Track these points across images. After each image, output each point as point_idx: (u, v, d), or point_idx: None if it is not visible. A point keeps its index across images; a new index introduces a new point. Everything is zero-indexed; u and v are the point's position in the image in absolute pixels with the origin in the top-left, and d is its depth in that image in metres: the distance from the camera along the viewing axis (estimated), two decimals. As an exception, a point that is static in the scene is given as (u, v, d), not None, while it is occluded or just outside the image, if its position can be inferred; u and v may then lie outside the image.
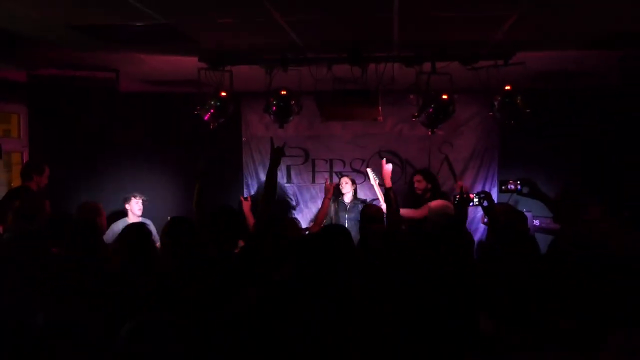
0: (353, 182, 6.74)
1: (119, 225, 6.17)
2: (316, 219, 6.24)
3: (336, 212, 6.65)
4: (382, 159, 7.35)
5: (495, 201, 7.20)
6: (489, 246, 4.32)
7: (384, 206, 5.33)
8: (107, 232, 5.77)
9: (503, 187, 5.03)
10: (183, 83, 6.28)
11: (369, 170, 6.26)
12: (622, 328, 2.12)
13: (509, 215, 4.17)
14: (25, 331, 2.10)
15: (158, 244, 3.93)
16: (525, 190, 4.62)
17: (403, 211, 5.85)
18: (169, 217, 3.72)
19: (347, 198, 6.68)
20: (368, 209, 4.77)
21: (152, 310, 2.49)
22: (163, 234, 3.55)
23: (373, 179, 6.11)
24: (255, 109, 7.38)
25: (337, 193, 6.70)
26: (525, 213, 4.85)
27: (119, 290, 2.94)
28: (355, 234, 5.97)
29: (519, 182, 4.88)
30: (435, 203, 4.53)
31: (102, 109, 5.34)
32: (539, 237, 5.32)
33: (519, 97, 4.72)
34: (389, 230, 4.15)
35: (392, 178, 6.05)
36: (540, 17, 3.75)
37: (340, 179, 6.88)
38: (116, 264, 3.35)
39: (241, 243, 3.98)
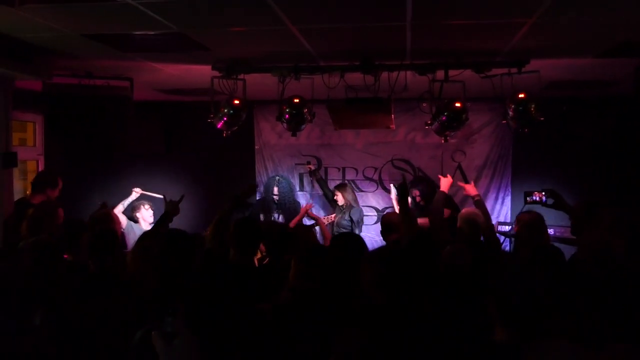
0: (342, 191, 6.68)
1: (135, 230, 6.22)
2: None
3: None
4: (395, 167, 7.42)
5: (510, 208, 7.20)
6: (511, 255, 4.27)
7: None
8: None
9: (528, 199, 4.97)
10: (196, 92, 6.33)
11: (392, 186, 6.42)
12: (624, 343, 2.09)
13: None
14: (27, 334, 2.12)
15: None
16: (550, 201, 4.55)
17: (420, 220, 5.90)
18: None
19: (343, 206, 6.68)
20: (387, 218, 4.74)
21: (167, 315, 2.50)
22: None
23: (394, 196, 6.26)
24: (268, 117, 7.45)
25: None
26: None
27: (134, 296, 2.96)
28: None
29: (544, 193, 4.81)
30: (465, 212, 4.48)
31: (116, 118, 5.36)
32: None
33: (532, 105, 4.68)
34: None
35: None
36: (554, 24, 3.72)
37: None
38: (132, 270, 3.36)
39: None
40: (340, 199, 6.62)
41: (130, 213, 6.57)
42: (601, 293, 2.26)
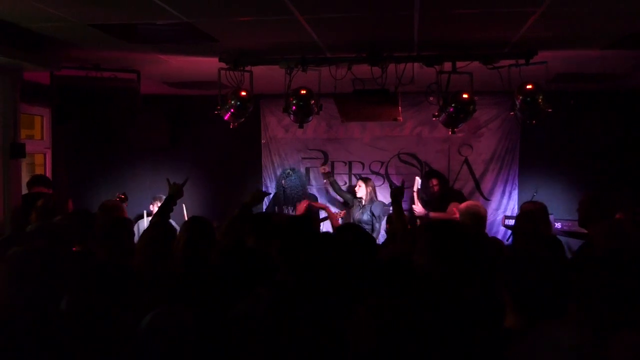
0: (367, 184, 6.70)
1: (141, 225, 6.25)
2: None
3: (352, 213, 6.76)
4: (401, 162, 7.43)
5: (517, 202, 7.19)
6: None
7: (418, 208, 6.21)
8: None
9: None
10: (203, 85, 6.34)
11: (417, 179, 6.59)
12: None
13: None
14: (49, 317, 2.12)
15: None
16: None
17: (432, 214, 5.95)
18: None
19: (363, 200, 6.68)
20: None
21: (175, 301, 2.51)
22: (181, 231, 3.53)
23: (417, 188, 6.48)
24: (274, 112, 7.46)
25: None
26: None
27: (144, 283, 2.96)
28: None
29: None
30: (466, 204, 4.49)
31: (123, 110, 5.38)
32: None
33: (540, 96, 4.67)
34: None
35: (410, 181, 6.33)
36: (563, 14, 3.70)
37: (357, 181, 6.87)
38: (139, 259, 3.36)
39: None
40: (362, 190, 6.60)
41: (146, 205, 6.66)
42: (618, 278, 2.24)
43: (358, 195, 6.64)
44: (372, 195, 6.63)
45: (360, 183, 6.68)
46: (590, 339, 1.85)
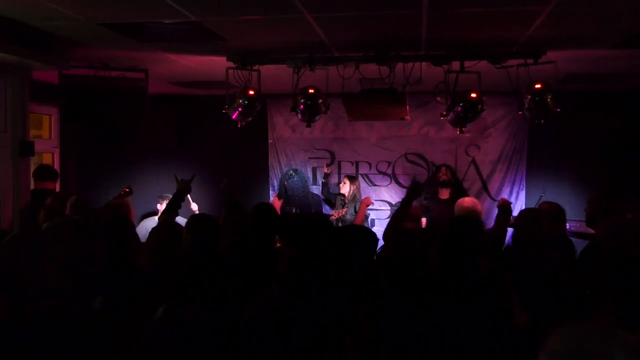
0: (352, 182, 6.79)
1: (149, 223, 6.25)
2: None
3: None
4: (408, 162, 7.43)
5: (524, 203, 7.16)
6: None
7: None
8: (139, 228, 5.87)
9: None
10: (211, 84, 6.35)
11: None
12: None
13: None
14: (84, 314, 2.14)
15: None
16: None
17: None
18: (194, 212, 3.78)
19: (346, 198, 6.81)
20: None
21: (185, 297, 2.52)
22: (186, 230, 3.55)
23: None
24: (282, 112, 7.46)
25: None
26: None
27: (149, 282, 2.97)
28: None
29: None
30: (461, 201, 4.48)
31: (131, 109, 5.40)
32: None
33: (549, 96, 4.64)
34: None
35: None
36: (571, 12, 3.68)
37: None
38: (145, 258, 3.37)
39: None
40: (346, 187, 6.71)
41: (153, 203, 6.66)
42: (626, 275, 2.23)
43: (342, 191, 6.74)
44: (355, 193, 6.71)
45: (346, 180, 6.82)
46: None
